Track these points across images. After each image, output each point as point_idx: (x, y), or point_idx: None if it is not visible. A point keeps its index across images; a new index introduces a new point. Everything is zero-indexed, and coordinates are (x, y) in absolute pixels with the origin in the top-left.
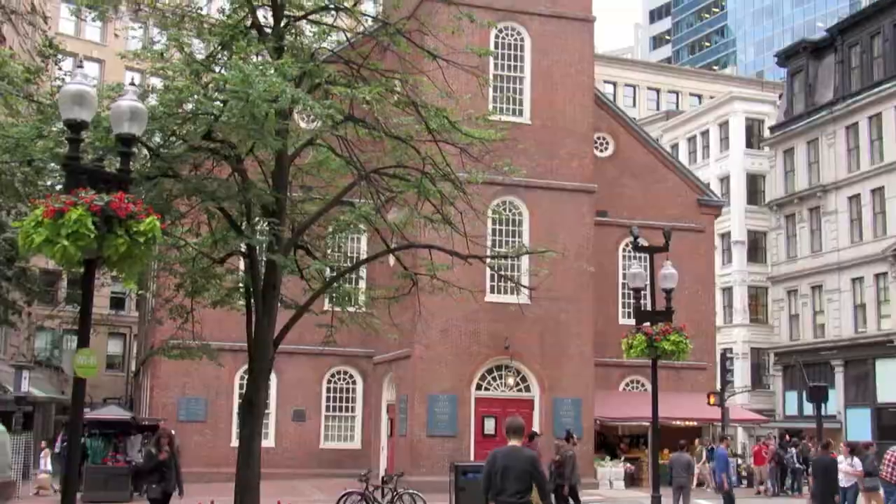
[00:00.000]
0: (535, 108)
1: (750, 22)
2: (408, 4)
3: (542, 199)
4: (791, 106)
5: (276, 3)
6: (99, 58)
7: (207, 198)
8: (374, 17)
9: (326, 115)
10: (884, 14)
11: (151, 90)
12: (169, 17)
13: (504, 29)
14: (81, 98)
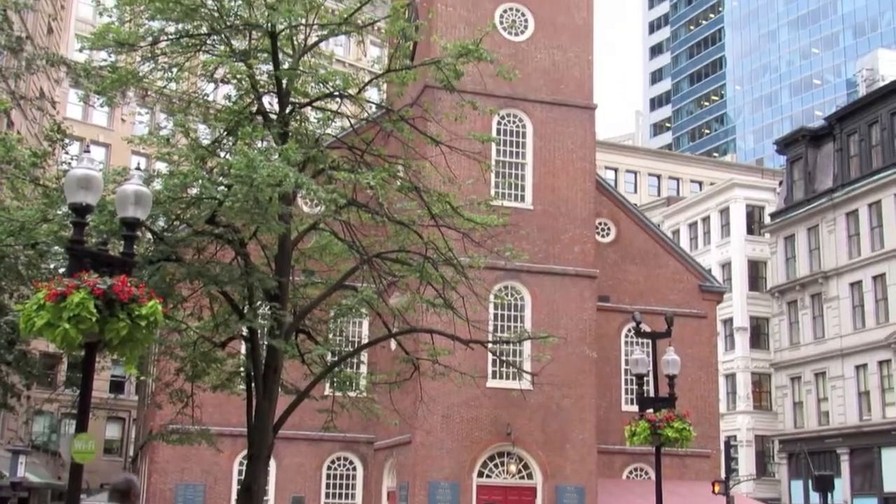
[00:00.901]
0: (536, 193)
1: (749, 110)
2: (411, 91)
3: (544, 284)
4: (791, 193)
5: (282, 90)
6: (105, 142)
7: (210, 282)
8: (377, 104)
9: (330, 199)
10: (881, 103)
11: (157, 175)
12: (176, 104)
13: (506, 115)
14: (87, 182)
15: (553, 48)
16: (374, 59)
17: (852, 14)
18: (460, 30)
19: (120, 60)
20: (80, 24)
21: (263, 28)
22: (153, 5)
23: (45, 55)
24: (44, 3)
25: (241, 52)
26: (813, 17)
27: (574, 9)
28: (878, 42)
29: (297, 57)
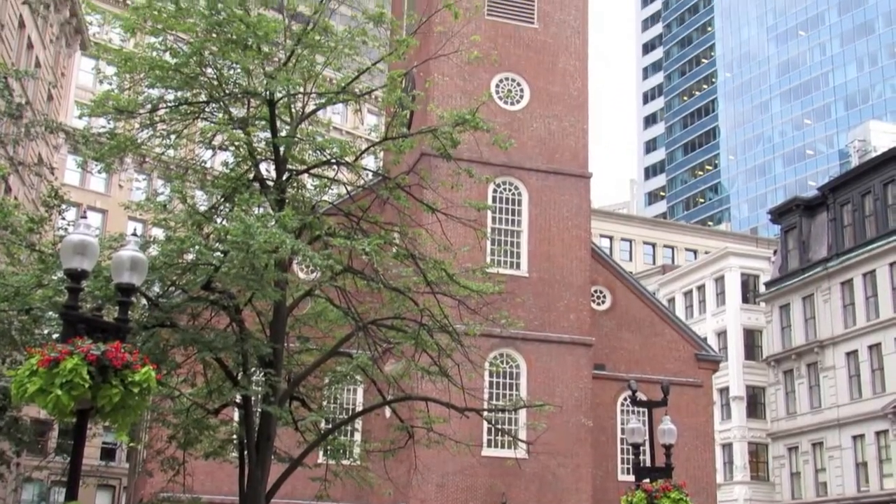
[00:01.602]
0: (532, 261)
1: (743, 179)
2: (408, 159)
3: (540, 351)
4: (786, 262)
5: (279, 157)
6: (102, 208)
7: (204, 348)
8: (374, 171)
9: (326, 266)
10: (874, 174)
11: (153, 241)
12: (173, 170)
13: (502, 183)
14: (84, 248)
15: (548, 117)
16: (372, 127)
17: (844, 86)
18: (457, 99)
19: (119, 127)
20: (80, 92)
21: (262, 96)
22: (153, 73)
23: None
24: (44, 71)
25: (240, 119)
26: (805, 88)
27: (569, 79)
28: (870, 114)
29: (295, 124)
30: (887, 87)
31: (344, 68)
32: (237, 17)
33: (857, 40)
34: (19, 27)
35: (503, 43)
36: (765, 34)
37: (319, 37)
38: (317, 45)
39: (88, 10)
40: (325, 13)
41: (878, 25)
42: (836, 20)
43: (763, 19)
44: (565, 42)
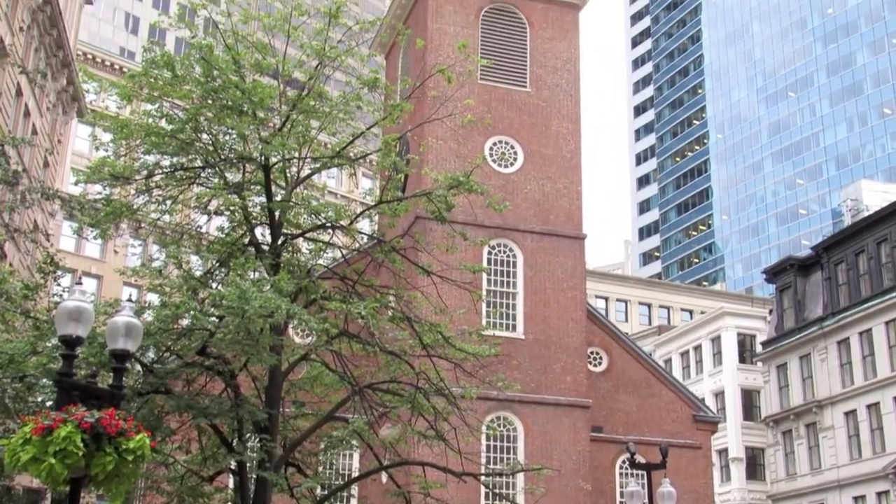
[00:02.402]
0: (528, 322)
1: (736, 239)
2: (402, 222)
3: (537, 414)
4: (782, 321)
5: (274, 221)
6: (97, 273)
7: (199, 414)
8: (369, 234)
9: (321, 329)
10: (867, 232)
11: (148, 306)
12: (169, 235)
13: (497, 245)
14: (78, 314)
15: (542, 179)
16: (366, 191)
17: (835, 146)
18: (451, 162)
19: (114, 193)
20: (76, 158)
21: (257, 161)
22: (149, 140)
23: (41, 189)
24: (41, 138)
25: (235, 184)
26: (796, 149)
27: (562, 141)
28: (861, 173)
29: (290, 189)
30: (877, 146)
31: (339, 133)
32: (232, 83)
33: (846, 101)
34: (16, 95)
35: (496, 106)
36: (755, 96)
37: (314, 102)
38: (312, 110)
39: (85, 79)
40: (319, 79)
41: (866, 86)
42: (825, 81)
43: (753, 81)
44: (558, 105)
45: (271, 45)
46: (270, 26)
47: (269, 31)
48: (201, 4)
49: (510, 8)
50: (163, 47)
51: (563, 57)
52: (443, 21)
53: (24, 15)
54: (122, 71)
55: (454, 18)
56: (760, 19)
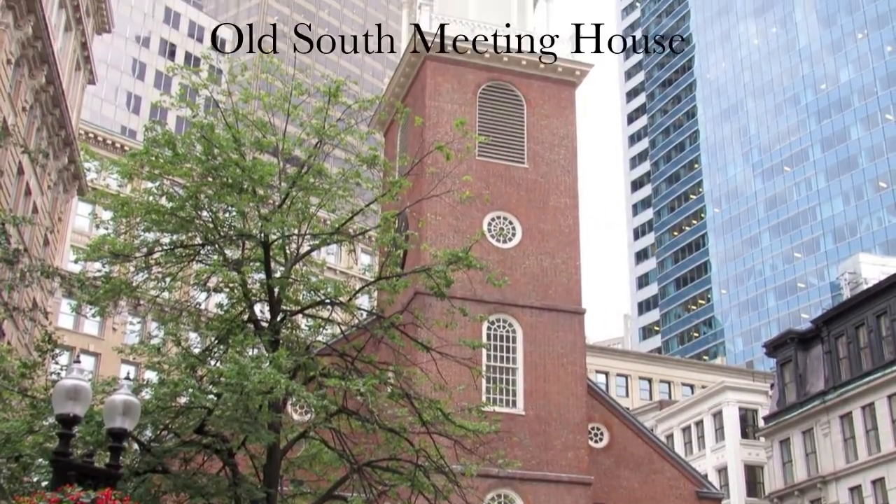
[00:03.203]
0: (528, 398)
1: (736, 313)
2: (402, 298)
3: (538, 491)
4: (783, 396)
5: (274, 298)
6: (95, 351)
7: (197, 494)
8: (368, 311)
9: (320, 407)
10: (866, 306)
11: (146, 384)
12: (168, 312)
13: (496, 321)
14: (76, 393)
15: (541, 254)
16: (366, 267)
17: (831, 220)
18: (450, 238)
19: (114, 271)
20: (76, 236)
21: (257, 238)
22: (149, 217)
23: (41, 267)
24: (41, 217)
25: (234, 261)
26: (794, 223)
27: (560, 216)
28: (859, 246)
29: (290, 265)
30: (874, 220)
31: (338, 209)
32: (233, 161)
33: (841, 175)
34: (18, 174)
35: (494, 182)
36: (750, 170)
37: (314, 179)
38: (311, 187)
39: (87, 158)
40: (319, 156)
41: (861, 160)
42: (821, 156)
43: (748, 156)
44: (556, 181)
45: (271, 123)
46: (271, 105)
47: (269, 109)
48: (202, 84)
49: (507, 86)
50: (164, 126)
51: (560, 133)
52: (441, 99)
53: (28, 95)
54: (124, 149)
55: (452, 96)
56: (754, 96)
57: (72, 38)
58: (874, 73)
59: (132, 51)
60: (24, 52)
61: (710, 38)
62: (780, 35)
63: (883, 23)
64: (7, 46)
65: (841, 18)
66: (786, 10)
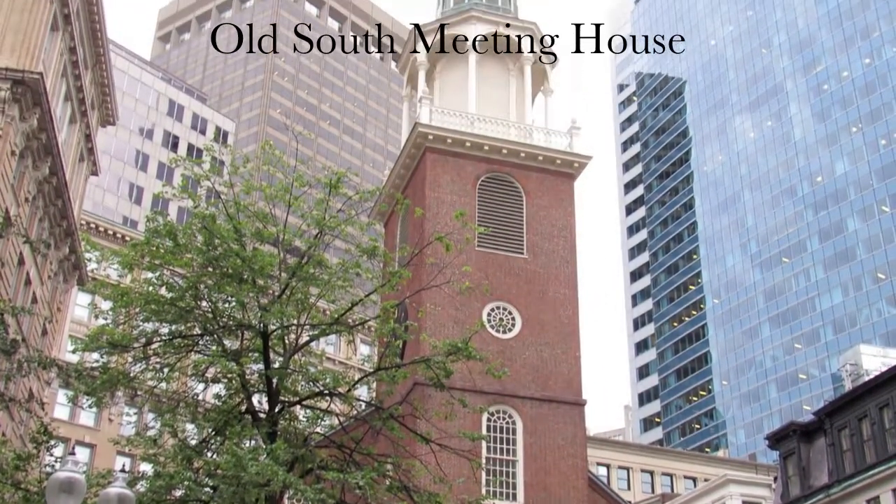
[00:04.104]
0: (528, 491)
1: (737, 405)
2: (401, 389)
3: None
4: (787, 489)
5: (272, 389)
6: (91, 442)
7: None
8: (367, 402)
9: (318, 500)
10: (869, 398)
11: (142, 477)
12: (165, 403)
13: (496, 412)
14: (70, 486)
15: (541, 345)
16: (365, 357)
17: (831, 311)
18: (449, 328)
19: (111, 361)
20: (75, 326)
21: (256, 328)
22: (148, 308)
23: (38, 358)
24: (40, 306)
25: (233, 351)
26: (793, 313)
27: (560, 307)
28: (859, 337)
29: (288, 356)
30: (874, 311)
31: (338, 300)
32: (233, 251)
33: (839, 266)
34: (18, 264)
35: (494, 273)
36: (749, 261)
37: (314, 270)
38: (311, 277)
39: (88, 248)
40: (319, 247)
41: (859, 252)
42: (818, 247)
43: (746, 247)
44: (555, 271)
45: (272, 213)
46: (272, 196)
47: (270, 200)
48: (204, 176)
49: (506, 177)
50: (166, 217)
51: (559, 224)
52: (440, 190)
53: (31, 186)
54: (125, 240)
55: (451, 187)
56: (751, 188)
57: (76, 130)
58: (869, 166)
59: (135, 142)
60: (28, 144)
61: (706, 131)
62: (775, 128)
63: (876, 117)
64: (12, 138)
65: (835, 112)
66: (780, 104)
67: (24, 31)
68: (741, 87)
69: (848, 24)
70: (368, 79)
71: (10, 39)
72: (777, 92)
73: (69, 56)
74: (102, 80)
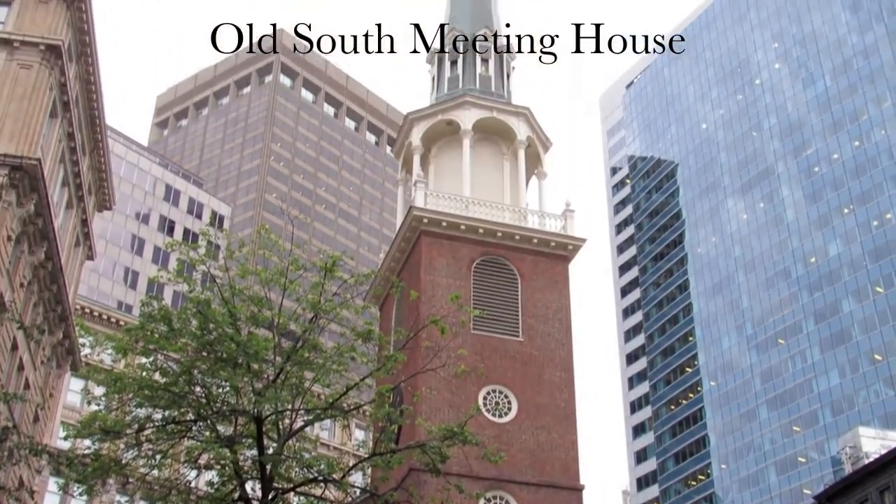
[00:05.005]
0: None
1: (737, 489)
2: (396, 475)
3: None
4: None
5: (265, 475)
6: None
7: None
8: (362, 488)
9: None
10: (869, 481)
11: None
12: (157, 490)
13: (492, 498)
14: None
15: (537, 429)
16: (360, 443)
17: (828, 392)
18: (445, 412)
19: (104, 447)
20: (67, 412)
21: (250, 414)
22: (142, 393)
23: (29, 445)
24: (33, 392)
25: (227, 437)
26: (790, 396)
27: (556, 391)
28: (857, 419)
29: (282, 441)
30: (871, 392)
31: (333, 384)
32: (228, 336)
33: (836, 348)
34: (12, 350)
35: (490, 356)
36: (745, 343)
37: (309, 354)
38: (306, 362)
39: (82, 333)
40: (314, 331)
41: (854, 333)
42: (814, 328)
43: (742, 329)
44: (551, 354)
45: (267, 297)
46: (267, 280)
47: (265, 284)
48: (200, 260)
49: (501, 260)
50: (161, 301)
51: (554, 307)
52: (436, 273)
53: (26, 271)
54: (119, 324)
55: (447, 270)
56: (745, 269)
57: (73, 214)
58: (862, 247)
59: (132, 227)
60: (24, 229)
61: (699, 213)
62: (767, 210)
63: (868, 198)
64: (9, 224)
65: (827, 194)
66: (772, 186)
67: (23, 118)
68: (733, 170)
69: (836, 107)
70: (364, 163)
71: (10, 126)
72: (768, 174)
73: (67, 142)
74: (100, 165)
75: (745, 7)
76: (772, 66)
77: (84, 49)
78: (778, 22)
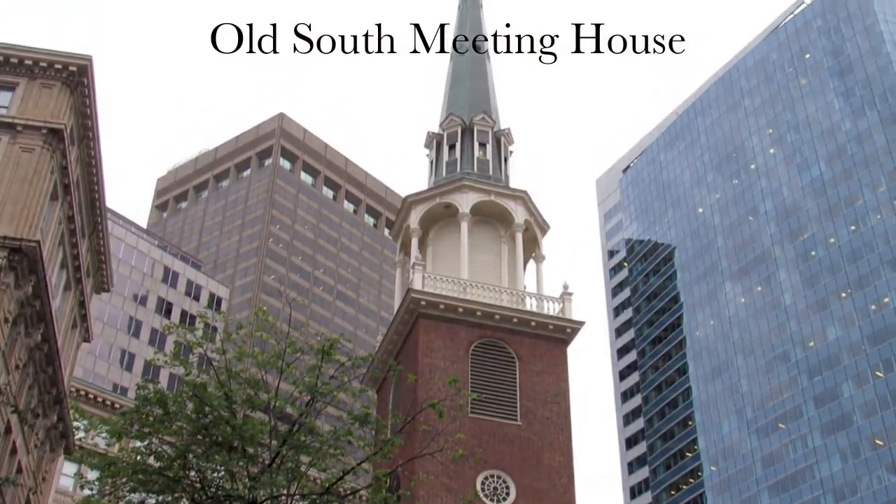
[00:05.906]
0: None
1: None
2: None
3: None
4: None
5: None
6: None
7: None
8: None
9: None
10: None
11: None
12: None
13: None
14: None
15: None
16: None
17: (830, 478)
18: (442, 498)
19: None
20: (59, 496)
21: (245, 499)
22: (136, 478)
23: None
24: (25, 476)
25: None
26: (792, 481)
27: (555, 475)
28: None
29: None
30: (873, 478)
31: (329, 468)
32: (224, 419)
33: (837, 433)
34: (5, 433)
35: (488, 440)
36: (745, 428)
37: (305, 437)
38: (302, 445)
39: (76, 416)
40: (311, 414)
41: (856, 418)
42: (815, 413)
43: (742, 413)
44: (549, 438)
45: (264, 380)
46: (264, 363)
47: (262, 367)
48: (197, 343)
49: (499, 343)
50: (157, 384)
51: (553, 390)
52: (433, 356)
53: (22, 353)
54: (114, 407)
55: (444, 353)
56: (744, 353)
57: (70, 296)
58: (861, 331)
59: (129, 308)
60: (21, 311)
61: (696, 296)
62: (765, 294)
63: (865, 283)
64: (6, 305)
65: (824, 278)
66: (769, 271)
67: (24, 200)
68: (730, 254)
69: (832, 192)
70: (362, 245)
71: (10, 209)
72: (765, 258)
73: (67, 224)
74: (99, 247)
75: (740, 94)
76: (767, 151)
77: (86, 132)
78: (772, 108)
